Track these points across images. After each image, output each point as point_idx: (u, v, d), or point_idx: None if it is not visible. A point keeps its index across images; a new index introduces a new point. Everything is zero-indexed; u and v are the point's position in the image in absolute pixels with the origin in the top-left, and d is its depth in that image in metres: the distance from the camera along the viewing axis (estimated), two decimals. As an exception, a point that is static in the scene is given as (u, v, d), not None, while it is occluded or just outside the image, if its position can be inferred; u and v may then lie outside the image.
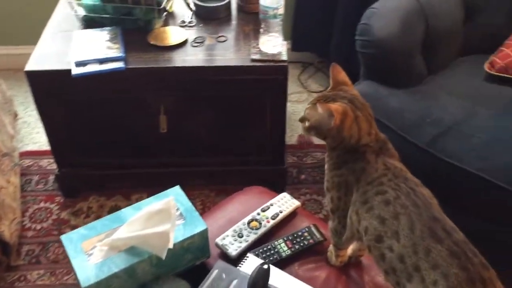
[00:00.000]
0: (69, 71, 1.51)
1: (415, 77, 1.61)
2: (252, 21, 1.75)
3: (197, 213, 1.02)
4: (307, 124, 0.98)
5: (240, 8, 1.80)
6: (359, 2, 2.05)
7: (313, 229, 1.14)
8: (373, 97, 1.51)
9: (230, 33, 1.69)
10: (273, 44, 1.58)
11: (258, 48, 1.60)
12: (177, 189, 1.08)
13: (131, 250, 0.94)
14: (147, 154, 1.77)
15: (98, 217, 1.79)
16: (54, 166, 1.87)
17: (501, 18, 1.72)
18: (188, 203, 1.05)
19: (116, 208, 1.82)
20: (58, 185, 1.86)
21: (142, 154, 1.77)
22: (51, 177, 1.93)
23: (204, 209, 1.81)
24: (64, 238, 0.97)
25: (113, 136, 1.72)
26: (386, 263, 0.86)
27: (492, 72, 1.56)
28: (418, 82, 1.61)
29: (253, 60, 1.56)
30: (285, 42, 1.60)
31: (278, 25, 1.54)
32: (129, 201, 1.85)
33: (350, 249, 1.08)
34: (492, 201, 1.31)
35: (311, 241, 1.11)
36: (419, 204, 0.85)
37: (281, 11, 1.51)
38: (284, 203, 1.19)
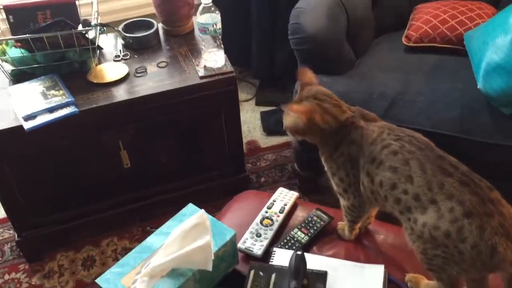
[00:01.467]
0: (19, 127, 1.44)
1: (347, 63, 1.76)
2: (184, 42, 1.80)
3: (219, 222, 1.05)
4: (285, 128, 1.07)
5: (168, 33, 1.84)
6: (270, 11, 2.21)
7: (319, 212, 1.22)
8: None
9: (168, 58, 1.72)
10: (216, 58, 1.64)
11: (203, 65, 1.65)
12: (191, 206, 1.09)
13: (173, 273, 0.95)
14: (112, 194, 1.73)
15: (73, 273, 1.71)
16: (7, 234, 1.75)
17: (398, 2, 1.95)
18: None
19: (90, 259, 1.75)
20: (20, 252, 1.74)
21: (106, 195, 1.72)
22: (7, 247, 1.80)
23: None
24: (100, 280, 0.95)
25: (73, 184, 1.66)
26: (401, 205, 0.95)
27: (410, 44, 1.76)
28: (350, 66, 1.76)
29: (202, 77, 1.61)
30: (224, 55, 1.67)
31: (218, 39, 1.61)
32: (100, 248, 1.78)
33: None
34: (451, 152, 1.49)
35: (322, 223, 1.19)
36: (423, 148, 0.97)
37: (219, 25, 1.58)
38: (284, 196, 1.25)
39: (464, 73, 1.62)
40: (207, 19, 1.55)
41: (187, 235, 0.95)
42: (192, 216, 0.98)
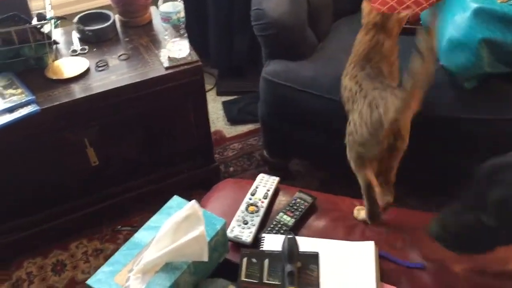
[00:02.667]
0: (-23, 130, 1.35)
1: (310, 47, 1.76)
2: (144, 33, 1.74)
3: (208, 212, 1.03)
4: None
5: (125, 24, 1.78)
6: (226, 1, 2.18)
7: (302, 194, 1.22)
8: (286, 72, 1.64)
9: (129, 50, 1.66)
10: (180, 47, 1.60)
11: (166, 55, 1.61)
12: (176, 198, 1.06)
13: (167, 267, 0.92)
14: (78, 195, 1.66)
15: (43, 279, 1.63)
16: (-33, 246, 1.64)
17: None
18: (194, 206, 1.05)
19: (60, 264, 1.68)
20: (-16, 263, 1.65)
21: (72, 196, 1.65)
22: (-33, 259, 1.70)
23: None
24: (91, 282, 0.91)
25: (36, 187, 1.58)
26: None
27: (370, 26, 1.79)
28: (313, 51, 1.77)
29: (167, 68, 1.57)
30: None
31: (181, 28, 1.57)
32: (69, 251, 1.71)
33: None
34: (421, 131, 1.53)
35: (305, 204, 1.19)
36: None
37: (182, 13, 1.54)
38: (266, 182, 1.25)
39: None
40: (169, 8, 1.51)
41: (179, 227, 0.93)
42: (183, 207, 0.95)
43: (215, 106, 2.33)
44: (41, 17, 1.54)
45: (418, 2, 1.77)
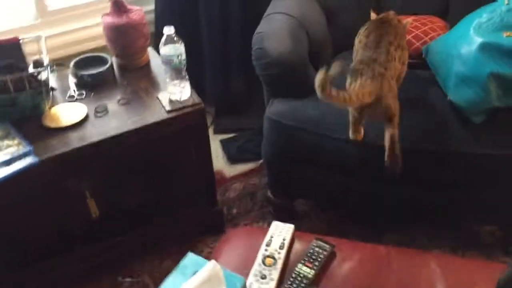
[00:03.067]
0: (-27, 185, 1.28)
1: (312, 84, 1.73)
2: (143, 75, 1.70)
3: (228, 270, 0.97)
4: None
5: (123, 67, 1.74)
6: (221, 36, 2.16)
7: (319, 242, 1.16)
8: (291, 111, 1.61)
9: (128, 94, 1.62)
10: (181, 90, 1.56)
11: (168, 98, 1.56)
12: (191, 256, 1.00)
13: (188, 334, 0.85)
14: (79, 247, 1.58)
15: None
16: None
17: (354, 15, 1.96)
18: (211, 264, 0.98)
19: (59, 320, 1.58)
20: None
21: (72, 249, 1.57)
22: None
23: (155, 283, 1.68)
24: None
25: (35, 238, 1.50)
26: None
27: (371, 61, 1.78)
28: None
29: (169, 112, 1.52)
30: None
31: (183, 70, 1.53)
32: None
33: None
34: (432, 167, 1.50)
35: (324, 253, 1.13)
36: None
37: (184, 56, 1.50)
38: (281, 230, 1.19)
39: (429, 86, 1.65)
40: (170, 51, 1.48)
41: (199, 290, 0.86)
42: (202, 268, 0.89)
43: (213, 145, 2.26)
44: (38, 63, 1.50)
45: (418, 36, 1.77)
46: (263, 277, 1.07)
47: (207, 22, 2.12)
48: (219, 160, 2.20)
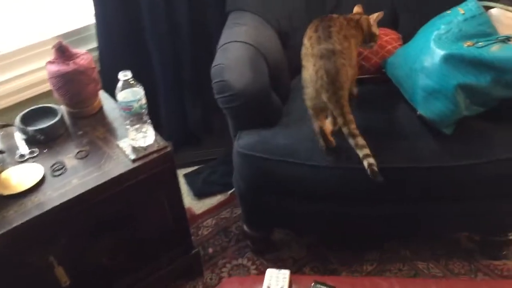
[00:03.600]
0: None
1: (277, 112, 1.69)
2: (97, 123, 1.59)
3: None
4: None
5: (74, 116, 1.61)
6: (174, 67, 2.06)
7: (319, 285, 1.10)
8: (261, 143, 1.55)
9: (85, 146, 1.49)
10: (144, 135, 1.46)
11: (130, 146, 1.45)
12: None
13: None
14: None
15: None
16: None
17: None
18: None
19: None
20: None
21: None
22: None
23: None
24: None
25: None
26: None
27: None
28: (281, 114, 1.69)
29: (135, 160, 1.42)
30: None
31: (144, 115, 1.43)
32: None
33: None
34: (406, 183, 1.48)
35: (328, 297, 1.07)
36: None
37: (144, 100, 1.41)
38: (277, 278, 1.12)
39: (394, 101, 1.65)
40: (129, 96, 1.37)
41: None
42: None
43: (176, 181, 2.17)
44: (-19, 127, 1.35)
45: (374, 51, 1.76)
46: (270, 335, 1.00)
47: (158, 57, 2.02)
48: (185, 197, 2.10)
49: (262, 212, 1.71)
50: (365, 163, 1.35)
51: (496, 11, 1.50)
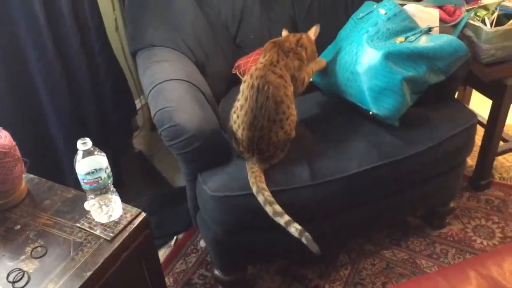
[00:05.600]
0: None
1: (227, 143, 1.58)
2: (35, 209, 1.30)
3: None
4: None
5: (2, 208, 1.28)
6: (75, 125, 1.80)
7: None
8: (233, 180, 1.44)
9: (37, 240, 1.20)
10: (113, 207, 1.24)
11: (99, 225, 1.22)
12: None
13: None
14: None
15: None
16: None
17: (220, 59, 1.88)
18: None
19: None
20: None
21: None
22: None
23: None
24: None
25: None
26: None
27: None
28: (229, 145, 1.59)
29: (112, 240, 1.19)
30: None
31: (111, 185, 1.21)
32: None
33: None
34: (381, 182, 1.52)
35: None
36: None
37: (109, 168, 1.19)
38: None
39: (336, 107, 1.69)
40: (94, 165, 1.14)
41: None
42: None
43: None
44: None
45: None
46: None
47: (56, 114, 1.74)
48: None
49: (240, 253, 1.59)
50: (293, 230, 1.33)
51: (410, 7, 1.64)
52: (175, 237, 1.95)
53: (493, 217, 1.92)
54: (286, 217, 1.33)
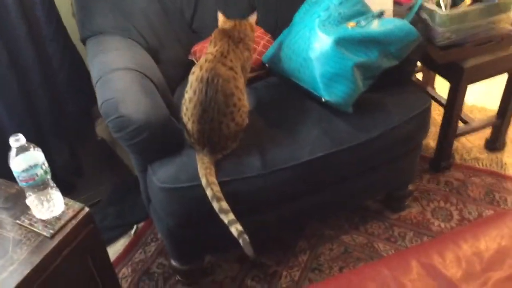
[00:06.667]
0: None
1: (178, 132, 1.55)
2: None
3: None
4: None
5: None
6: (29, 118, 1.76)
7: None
8: (182, 171, 1.42)
9: (-25, 238, 1.18)
10: (54, 203, 1.21)
11: (40, 221, 1.20)
12: None
13: None
14: None
15: None
16: None
17: (175, 48, 1.84)
18: None
19: None
20: None
21: None
22: None
23: None
24: None
25: None
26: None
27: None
28: (181, 134, 1.56)
29: (52, 236, 1.17)
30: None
31: (49, 180, 1.18)
32: None
33: None
34: (335, 168, 1.52)
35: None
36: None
37: (46, 163, 1.16)
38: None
39: (290, 93, 1.66)
40: (29, 161, 1.12)
41: None
42: None
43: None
44: None
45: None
46: None
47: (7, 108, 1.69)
48: (83, 254, 1.83)
49: (195, 244, 1.58)
50: (233, 230, 1.32)
51: (361, -10, 1.61)
52: (135, 227, 1.93)
53: (452, 199, 1.94)
54: (231, 216, 1.32)
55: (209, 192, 1.34)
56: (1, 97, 1.68)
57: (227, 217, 1.32)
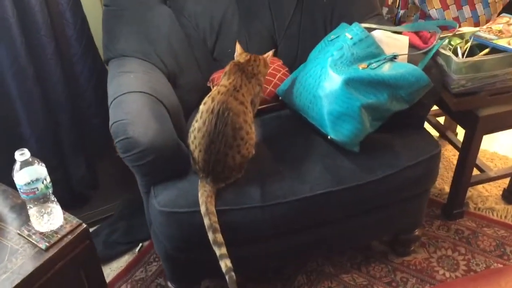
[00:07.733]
0: None
1: (186, 157, 1.58)
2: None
3: None
4: None
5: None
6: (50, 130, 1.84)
7: None
8: (182, 196, 1.45)
9: (-24, 243, 1.24)
10: (53, 216, 1.26)
11: (38, 233, 1.24)
12: None
13: None
14: None
15: None
16: None
17: (194, 72, 1.89)
18: None
19: None
20: None
21: None
22: None
23: None
24: None
25: None
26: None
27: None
28: (189, 159, 1.60)
29: (47, 249, 1.21)
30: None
31: (50, 194, 1.23)
32: None
33: None
34: (338, 206, 1.52)
35: None
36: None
37: (48, 178, 1.21)
38: None
39: (299, 128, 1.68)
40: (32, 175, 1.17)
41: None
42: None
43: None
44: None
45: (268, 80, 1.77)
46: None
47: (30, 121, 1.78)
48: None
49: (192, 268, 1.60)
50: (222, 264, 1.34)
51: (377, 32, 1.62)
52: (140, 244, 1.97)
53: (461, 248, 1.89)
54: (223, 250, 1.34)
55: (206, 221, 1.36)
56: (25, 112, 1.76)
57: (220, 251, 1.34)
